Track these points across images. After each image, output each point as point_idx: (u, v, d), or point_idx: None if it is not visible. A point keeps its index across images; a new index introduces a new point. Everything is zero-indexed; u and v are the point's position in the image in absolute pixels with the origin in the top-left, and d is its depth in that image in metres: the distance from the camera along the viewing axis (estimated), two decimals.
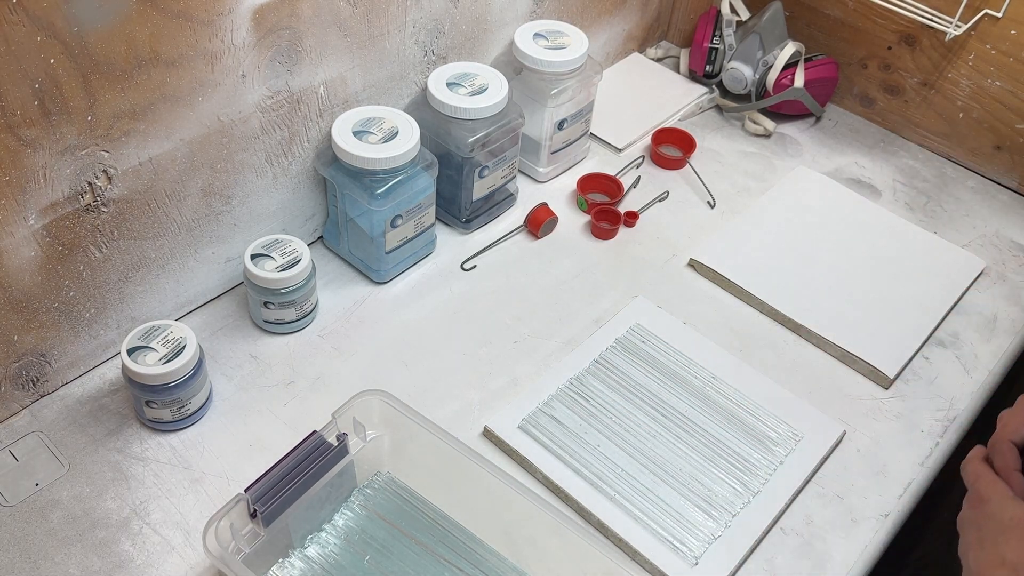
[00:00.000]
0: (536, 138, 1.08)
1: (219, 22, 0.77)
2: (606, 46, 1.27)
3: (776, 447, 0.85)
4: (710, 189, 1.13)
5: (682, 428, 0.86)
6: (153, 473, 0.80)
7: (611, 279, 1.01)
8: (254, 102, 0.85)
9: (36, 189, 0.73)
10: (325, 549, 0.76)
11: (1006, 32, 1.09)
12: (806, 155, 1.21)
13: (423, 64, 1.00)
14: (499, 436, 0.84)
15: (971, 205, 1.15)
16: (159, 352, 0.79)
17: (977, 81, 1.14)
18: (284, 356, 0.90)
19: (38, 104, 0.69)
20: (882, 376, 0.92)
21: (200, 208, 0.87)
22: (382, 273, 0.97)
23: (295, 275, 0.87)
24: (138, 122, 0.76)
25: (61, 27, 0.67)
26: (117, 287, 0.84)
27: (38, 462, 0.80)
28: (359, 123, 0.92)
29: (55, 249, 0.77)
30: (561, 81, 1.04)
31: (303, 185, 0.96)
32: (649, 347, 0.93)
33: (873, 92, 1.24)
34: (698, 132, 1.20)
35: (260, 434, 0.84)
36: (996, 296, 1.04)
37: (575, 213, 1.09)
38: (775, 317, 0.98)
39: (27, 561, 0.73)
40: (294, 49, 0.85)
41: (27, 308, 0.78)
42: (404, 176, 0.91)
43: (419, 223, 0.96)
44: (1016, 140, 1.15)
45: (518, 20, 1.08)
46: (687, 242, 1.06)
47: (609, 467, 0.82)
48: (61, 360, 0.84)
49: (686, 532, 0.78)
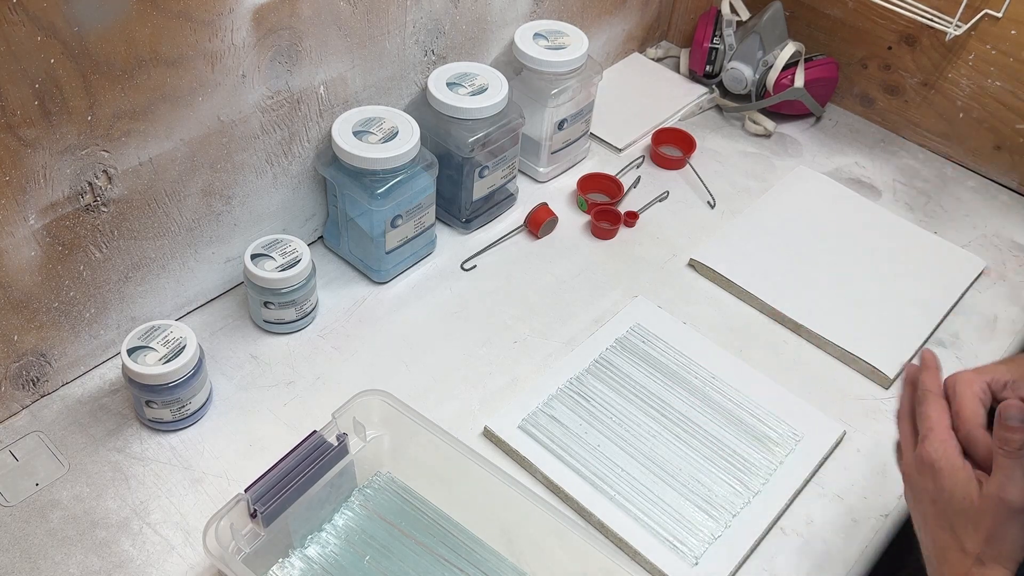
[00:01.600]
0: (536, 138, 1.08)
1: (219, 22, 0.77)
2: (606, 46, 1.27)
3: (776, 447, 0.85)
4: (710, 189, 1.13)
5: (682, 428, 0.86)
6: (153, 473, 0.80)
7: (611, 279, 1.01)
8: (254, 102, 0.85)
9: (36, 189, 0.73)
10: (325, 549, 0.76)
11: (1006, 32, 1.09)
12: (806, 155, 1.21)
13: (423, 64, 1.00)
14: (499, 436, 0.84)
15: (971, 205, 1.15)
16: (159, 352, 0.79)
17: (977, 81, 1.14)
18: (284, 356, 0.90)
19: (38, 104, 0.69)
20: (882, 376, 0.92)
21: (200, 208, 0.87)
22: (382, 273, 0.97)
23: (295, 275, 0.87)
24: (138, 122, 0.76)
25: (61, 27, 0.67)
26: (117, 287, 0.84)
27: (38, 462, 0.80)
28: (359, 123, 0.92)
29: (55, 249, 0.77)
30: (561, 81, 1.04)
31: (303, 185, 0.96)
32: (649, 347, 0.93)
33: (873, 92, 1.24)
34: (698, 132, 1.20)
35: (260, 434, 0.84)
36: (996, 296, 1.04)
37: (575, 213, 1.09)
38: (775, 317, 0.98)
39: (27, 561, 0.73)
40: (294, 49, 0.85)
41: (27, 308, 0.78)
42: (404, 176, 0.91)
43: (419, 223, 0.96)
44: (1016, 140, 1.15)
45: (518, 20, 1.08)
46: (687, 242, 1.06)
47: (609, 467, 0.82)
48: (61, 360, 0.84)
49: (686, 532, 0.78)
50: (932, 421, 0.62)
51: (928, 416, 0.62)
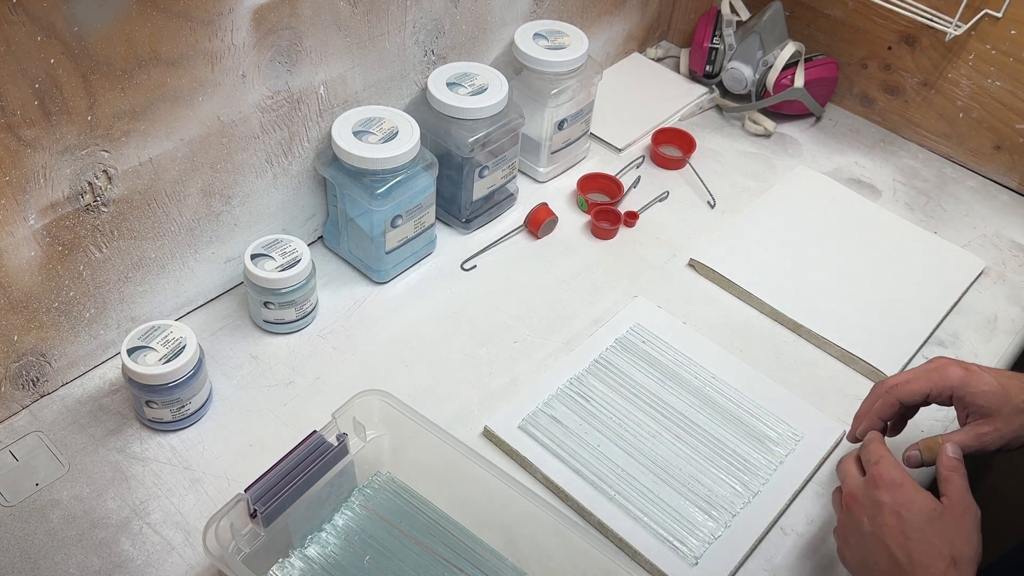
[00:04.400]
0: (536, 138, 1.08)
1: (219, 22, 0.77)
2: (606, 46, 1.27)
3: (776, 447, 0.85)
4: (710, 189, 1.13)
5: (682, 428, 0.86)
6: (153, 473, 0.80)
7: (611, 279, 1.01)
8: (254, 102, 0.85)
9: (36, 189, 0.73)
10: (325, 549, 0.76)
11: (1006, 32, 1.09)
12: (806, 155, 1.21)
13: (423, 64, 1.00)
14: (499, 436, 0.84)
15: (971, 205, 1.15)
16: (159, 352, 0.79)
17: (977, 81, 1.14)
18: (284, 356, 0.90)
19: (38, 104, 0.69)
20: (882, 376, 0.92)
21: (200, 208, 0.87)
22: (382, 273, 0.97)
23: (295, 275, 0.87)
24: (138, 122, 0.76)
25: (61, 27, 0.67)
26: (117, 287, 0.84)
27: (38, 462, 0.80)
28: (359, 123, 0.92)
29: (55, 249, 0.77)
30: (561, 81, 1.04)
31: (303, 185, 0.96)
32: (649, 347, 0.93)
33: (873, 92, 1.24)
34: (698, 132, 1.20)
35: (260, 434, 0.84)
36: (996, 296, 1.04)
37: (575, 213, 1.09)
38: (775, 317, 0.98)
39: (27, 561, 0.73)
40: (294, 49, 0.85)
41: (27, 308, 0.78)
42: (404, 176, 0.91)
43: (419, 223, 0.96)
44: (1016, 140, 1.15)
45: (518, 20, 1.08)
46: (687, 242, 1.06)
47: (609, 467, 0.82)
48: (61, 360, 0.84)
49: (686, 532, 0.78)
50: (880, 452, 0.71)
51: (875, 451, 0.72)
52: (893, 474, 0.68)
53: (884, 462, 0.69)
